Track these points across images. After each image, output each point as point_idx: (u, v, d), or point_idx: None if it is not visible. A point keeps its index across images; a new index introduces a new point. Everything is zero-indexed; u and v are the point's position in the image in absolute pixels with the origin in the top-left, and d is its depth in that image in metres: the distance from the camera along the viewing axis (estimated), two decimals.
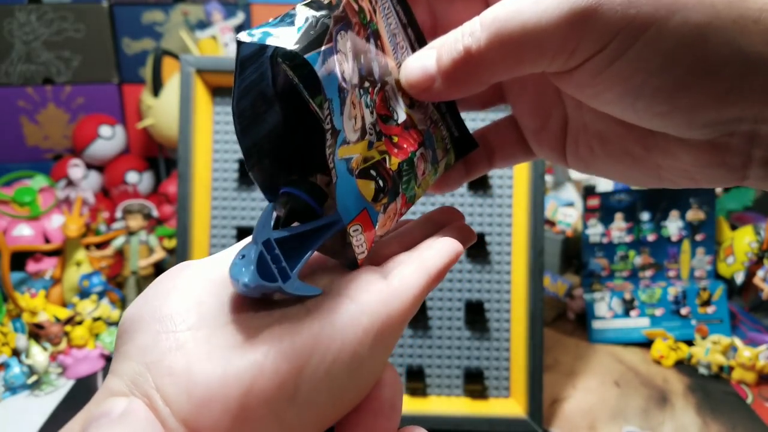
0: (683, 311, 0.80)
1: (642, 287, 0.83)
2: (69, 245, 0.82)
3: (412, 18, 0.26)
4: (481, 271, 0.65)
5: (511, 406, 0.63)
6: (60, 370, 0.70)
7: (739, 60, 0.19)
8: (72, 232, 0.80)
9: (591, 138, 0.26)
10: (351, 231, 0.23)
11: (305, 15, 0.20)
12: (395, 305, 0.22)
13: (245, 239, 0.24)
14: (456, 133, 0.29)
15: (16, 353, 0.69)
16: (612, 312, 0.82)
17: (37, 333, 0.71)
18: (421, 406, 0.63)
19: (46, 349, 0.70)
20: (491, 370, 0.64)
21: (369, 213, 0.24)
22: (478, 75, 0.22)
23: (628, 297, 0.82)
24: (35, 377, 0.67)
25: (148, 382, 0.19)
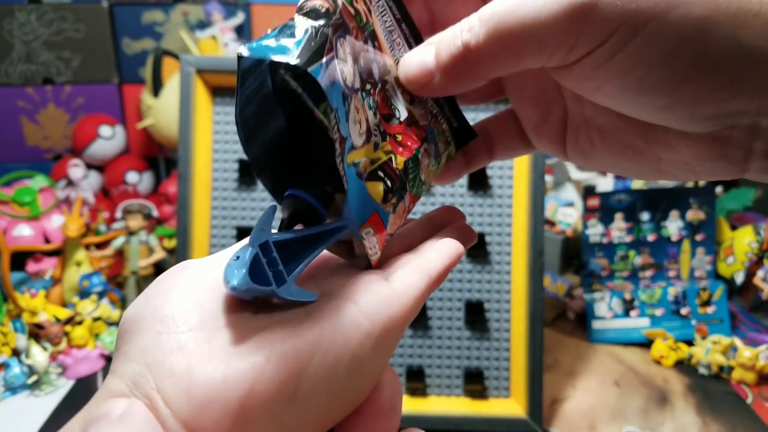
0: (683, 311, 0.80)
1: (642, 287, 0.83)
2: (69, 245, 0.82)
3: (405, 13, 0.26)
4: (481, 271, 0.65)
5: (511, 406, 0.63)
6: (60, 370, 0.70)
7: (740, 53, 0.19)
8: (72, 232, 0.80)
9: (591, 131, 0.26)
10: (363, 234, 0.23)
11: (305, 26, 0.20)
12: (396, 308, 0.22)
13: (247, 238, 0.24)
14: (455, 124, 0.29)
15: (16, 353, 0.69)
16: (612, 312, 0.82)
17: (37, 333, 0.71)
18: (421, 406, 0.63)
19: (46, 349, 0.70)
20: (491, 370, 0.64)
21: (380, 214, 0.24)
22: (477, 70, 0.22)
23: (628, 297, 0.82)
24: (35, 377, 0.67)
25: (149, 383, 0.19)
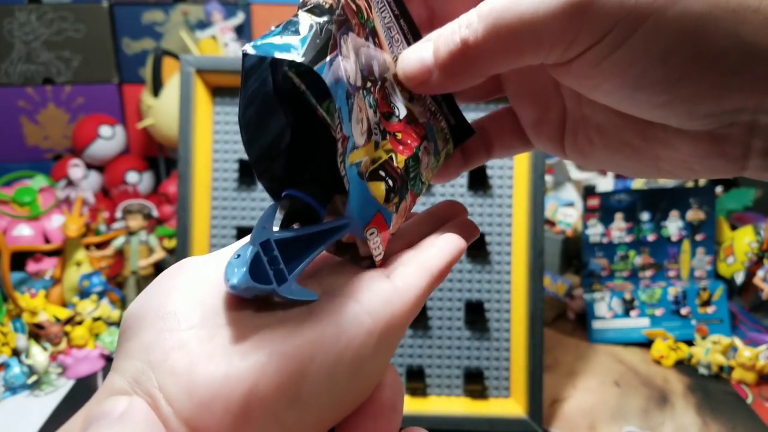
0: (683, 311, 0.80)
1: (642, 287, 0.83)
2: (69, 245, 0.82)
3: (404, 9, 0.26)
4: (481, 271, 0.65)
5: (511, 406, 0.63)
6: (60, 370, 0.70)
7: (739, 49, 0.19)
8: (72, 232, 0.80)
9: (589, 129, 0.26)
10: (368, 235, 0.23)
11: (309, 22, 0.20)
12: (398, 305, 0.22)
13: (248, 237, 0.24)
14: (452, 121, 0.29)
15: (16, 353, 0.69)
16: (612, 312, 0.82)
17: (37, 333, 0.71)
18: (421, 406, 0.63)
19: (46, 349, 0.70)
20: (491, 370, 0.64)
21: (383, 215, 0.24)
22: (475, 67, 0.22)
23: (628, 297, 0.82)
24: (35, 377, 0.67)
25: (151, 381, 0.19)
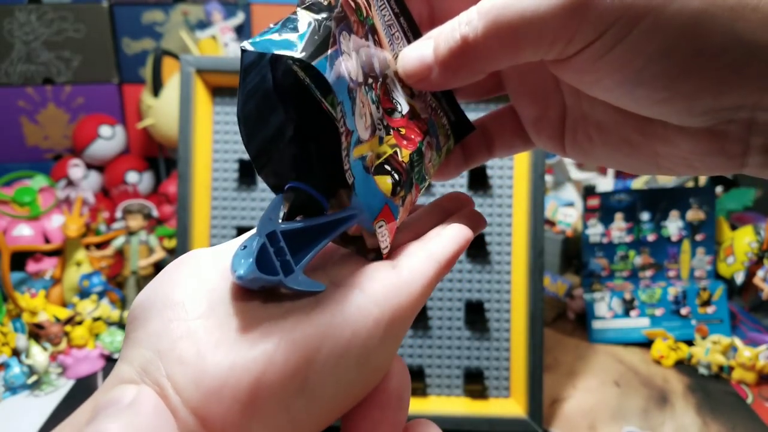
0: (683, 311, 0.80)
1: (642, 287, 0.83)
2: (69, 245, 0.82)
3: (403, 7, 0.26)
4: (481, 271, 0.65)
5: (511, 406, 0.63)
6: (60, 370, 0.70)
7: (738, 47, 0.19)
8: (72, 232, 0.80)
9: (589, 126, 0.26)
10: (376, 227, 0.23)
11: (307, 19, 0.20)
12: (405, 295, 0.23)
13: (254, 229, 0.23)
14: (453, 118, 0.29)
15: (16, 353, 0.69)
16: (612, 312, 0.82)
17: (37, 333, 0.71)
18: (421, 406, 0.63)
19: (46, 349, 0.70)
20: (491, 370, 0.64)
21: (390, 207, 0.24)
22: (475, 63, 0.22)
23: (628, 297, 0.82)
24: (35, 377, 0.67)
25: (159, 370, 0.19)
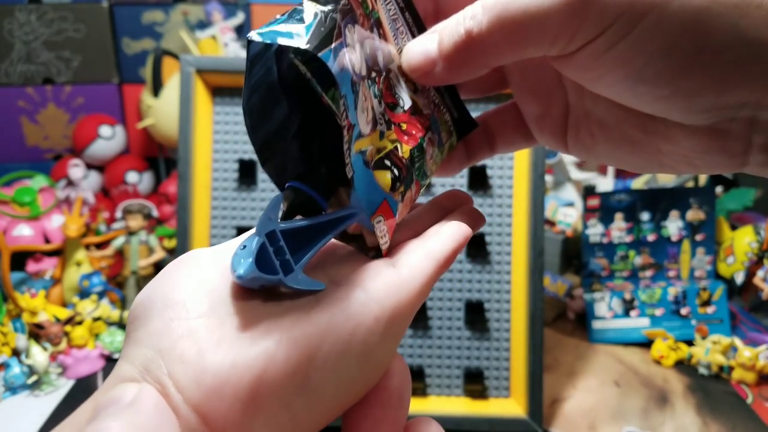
0: (683, 311, 0.80)
1: (642, 287, 0.83)
2: (69, 245, 0.82)
3: (408, 1, 0.26)
4: (481, 271, 0.65)
5: (511, 406, 0.63)
6: (60, 370, 0.70)
7: (740, 44, 0.19)
8: (72, 232, 0.80)
9: (592, 124, 0.26)
10: (374, 222, 0.23)
11: (313, 11, 0.20)
12: (404, 293, 0.23)
13: (254, 228, 0.24)
14: (455, 114, 0.29)
15: (16, 353, 0.69)
16: (612, 312, 0.82)
17: (37, 333, 0.71)
18: (421, 406, 0.63)
19: (46, 349, 0.70)
20: (491, 370, 0.64)
21: (389, 203, 0.24)
22: (479, 58, 0.23)
23: (628, 297, 0.82)
24: (35, 377, 0.67)
25: (160, 368, 0.19)
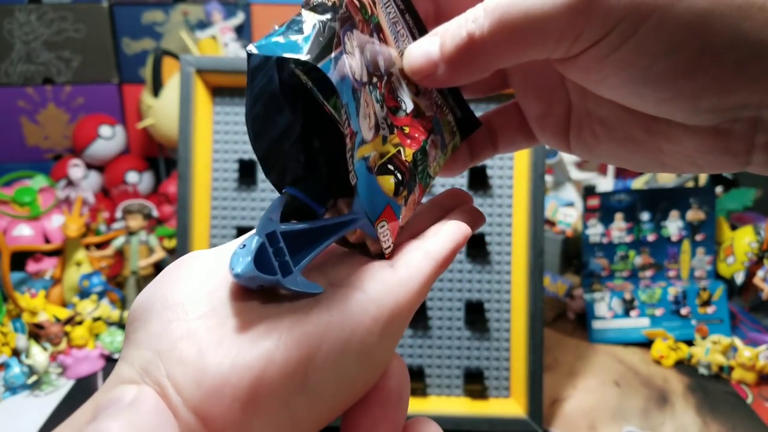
0: (683, 311, 0.80)
1: (642, 287, 0.83)
2: (69, 245, 0.82)
3: (409, 4, 0.26)
4: (481, 271, 0.65)
5: (511, 406, 0.63)
6: (60, 370, 0.70)
7: (743, 46, 0.19)
8: (72, 232, 0.80)
9: (594, 124, 0.26)
10: (378, 228, 0.23)
11: (312, 21, 0.20)
12: (403, 293, 0.23)
13: (255, 229, 0.24)
14: (459, 114, 0.29)
15: (16, 353, 0.69)
16: (612, 312, 0.82)
17: (37, 333, 0.71)
18: (421, 406, 0.63)
19: (46, 349, 0.70)
20: (491, 370, 0.64)
21: (392, 207, 0.24)
22: (481, 61, 0.23)
23: (628, 297, 0.82)
24: (35, 377, 0.67)
25: (159, 370, 0.19)
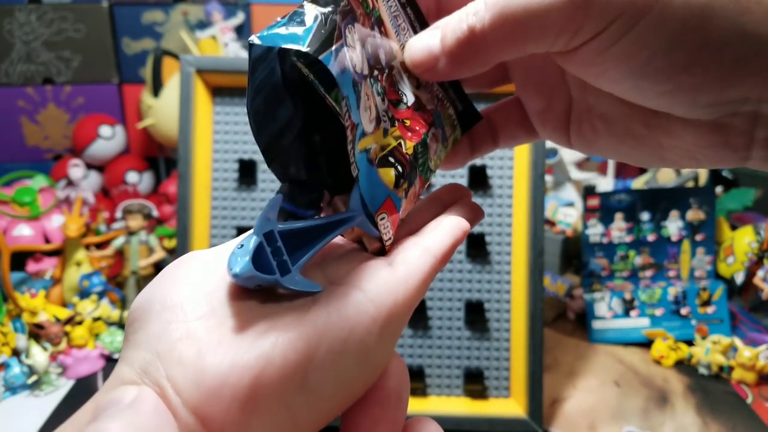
0: (683, 311, 0.80)
1: (642, 287, 0.83)
2: (69, 245, 0.82)
3: None
4: (481, 271, 0.65)
5: (511, 406, 0.63)
6: (60, 370, 0.70)
7: (742, 40, 0.19)
8: (72, 232, 0.80)
9: (594, 118, 0.26)
10: (378, 220, 0.23)
11: (314, 13, 0.20)
12: (401, 292, 0.23)
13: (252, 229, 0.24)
14: (460, 107, 0.29)
15: (16, 353, 0.69)
16: (612, 312, 0.82)
17: (37, 333, 0.71)
18: (421, 406, 0.63)
19: (46, 349, 0.70)
20: (491, 370, 0.64)
21: (392, 200, 0.24)
22: (481, 54, 0.23)
23: (628, 297, 0.82)
24: (35, 377, 0.67)
25: (159, 371, 0.19)
